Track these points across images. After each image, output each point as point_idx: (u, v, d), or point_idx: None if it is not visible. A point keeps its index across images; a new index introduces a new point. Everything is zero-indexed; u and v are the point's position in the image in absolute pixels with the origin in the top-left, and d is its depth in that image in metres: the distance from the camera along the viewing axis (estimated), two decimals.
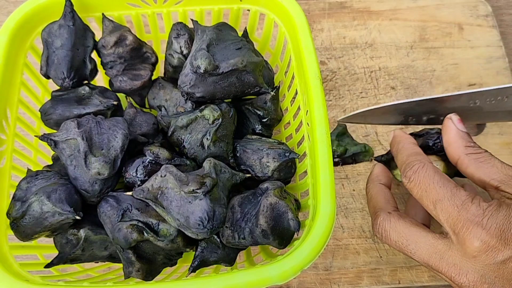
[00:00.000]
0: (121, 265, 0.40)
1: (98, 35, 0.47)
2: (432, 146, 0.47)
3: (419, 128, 0.54)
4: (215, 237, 0.40)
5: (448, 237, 0.37)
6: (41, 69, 0.45)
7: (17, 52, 0.44)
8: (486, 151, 0.42)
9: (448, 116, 0.44)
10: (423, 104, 0.47)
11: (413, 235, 0.39)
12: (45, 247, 0.44)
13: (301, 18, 0.44)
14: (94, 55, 0.47)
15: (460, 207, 0.36)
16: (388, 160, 0.49)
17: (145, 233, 0.37)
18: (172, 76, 0.48)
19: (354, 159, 0.55)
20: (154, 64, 0.48)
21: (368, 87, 0.59)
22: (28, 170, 0.43)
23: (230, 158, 0.43)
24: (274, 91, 0.44)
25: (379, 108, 0.48)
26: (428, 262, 0.38)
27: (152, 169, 0.40)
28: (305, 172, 0.43)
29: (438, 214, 0.37)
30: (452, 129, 0.43)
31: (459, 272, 0.36)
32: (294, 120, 0.48)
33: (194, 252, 0.41)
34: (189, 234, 0.37)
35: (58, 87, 0.45)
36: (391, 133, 0.47)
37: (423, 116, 0.48)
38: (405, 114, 0.48)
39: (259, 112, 0.45)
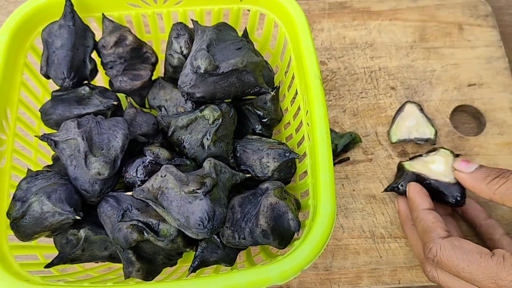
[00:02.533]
0: (121, 265, 0.40)
1: (98, 35, 0.47)
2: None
3: None
4: (215, 237, 0.40)
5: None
6: (41, 69, 0.45)
7: (17, 52, 0.44)
8: (505, 171, 0.42)
9: (453, 167, 0.47)
10: None
11: (466, 261, 0.39)
12: (45, 247, 0.44)
13: (301, 18, 0.44)
14: (94, 55, 0.47)
15: (494, 278, 0.37)
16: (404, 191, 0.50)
17: (145, 233, 0.37)
18: (172, 76, 0.48)
19: (346, 150, 0.55)
20: (154, 64, 0.48)
21: (368, 87, 0.59)
22: (28, 170, 0.43)
23: (230, 158, 0.43)
24: (274, 91, 0.44)
25: None
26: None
27: (152, 169, 0.40)
28: (305, 172, 0.43)
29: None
30: (465, 179, 0.45)
31: None
32: (294, 120, 0.48)
33: (194, 252, 0.41)
34: (189, 234, 0.37)
35: (58, 87, 0.45)
36: (408, 185, 0.49)
37: None
38: None
39: (259, 112, 0.45)
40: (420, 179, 0.50)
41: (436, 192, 0.49)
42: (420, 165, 0.50)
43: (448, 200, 0.48)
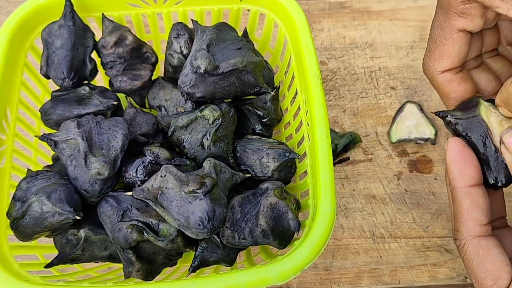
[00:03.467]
0: (121, 265, 0.40)
1: (98, 35, 0.47)
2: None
3: None
4: (215, 237, 0.40)
5: None
6: (41, 69, 0.45)
7: (17, 52, 0.44)
8: None
9: (500, 138, 0.35)
10: None
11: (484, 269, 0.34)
12: (45, 247, 0.44)
13: (301, 18, 0.44)
14: (94, 55, 0.47)
15: None
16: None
17: (145, 233, 0.37)
18: (172, 76, 0.48)
19: (346, 150, 0.55)
20: (154, 64, 0.48)
21: (368, 87, 0.59)
22: (28, 170, 0.43)
23: (230, 158, 0.43)
24: (274, 91, 0.44)
25: None
26: None
27: (152, 169, 0.40)
28: (305, 172, 0.43)
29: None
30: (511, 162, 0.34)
31: None
32: (294, 120, 0.48)
33: (194, 252, 0.41)
34: (189, 234, 0.37)
35: (58, 87, 0.45)
36: (448, 141, 0.37)
37: None
38: None
39: (259, 112, 0.45)
40: (479, 136, 0.36)
41: (481, 160, 0.37)
42: (496, 117, 0.36)
43: (486, 177, 0.36)
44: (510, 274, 0.34)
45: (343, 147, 0.54)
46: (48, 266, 0.39)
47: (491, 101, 0.38)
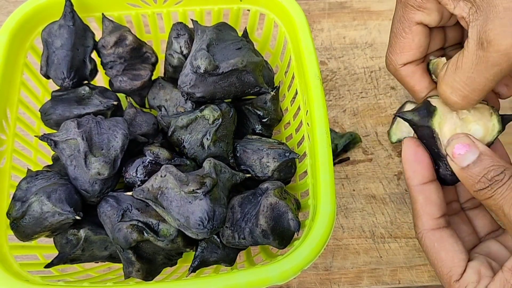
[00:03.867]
0: (121, 265, 0.40)
1: (98, 35, 0.47)
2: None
3: None
4: (215, 237, 0.40)
5: None
6: (41, 69, 0.45)
7: (17, 52, 0.44)
8: (505, 171, 0.33)
9: (444, 147, 0.36)
10: None
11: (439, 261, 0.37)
12: (45, 247, 0.44)
13: (301, 18, 0.44)
14: (94, 55, 0.47)
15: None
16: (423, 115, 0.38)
17: (145, 233, 0.37)
18: (172, 76, 0.48)
19: (346, 150, 0.55)
20: (154, 64, 0.48)
21: (368, 87, 0.59)
22: (28, 170, 0.43)
23: (230, 158, 0.43)
24: (274, 91, 0.44)
25: None
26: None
27: (152, 169, 0.40)
28: (305, 172, 0.43)
29: None
30: (456, 171, 0.36)
31: None
32: (294, 120, 0.48)
33: (194, 252, 0.41)
34: (189, 234, 0.37)
35: (58, 87, 0.45)
36: (403, 142, 0.40)
37: None
38: None
39: (259, 112, 0.45)
40: (430, 145, 0.38)
41: (434, 160, 0.38)
42: (450, 125, 0.38)
43: (437, 169, 0.38)
44: (465, 261, 0.36)
45: (343, 147, 0.54)
46: (48, 266, 0.39)
47: None
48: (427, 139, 0.38)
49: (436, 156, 0.38)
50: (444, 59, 0.40)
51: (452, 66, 0.34)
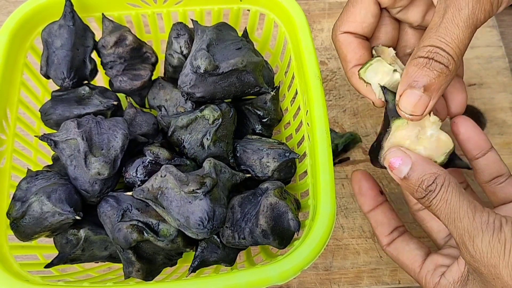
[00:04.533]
0: (121, 265, 0.40)
1: (98, 35, 0.47)
2: None
3: None
4: (215, 237, 0.40)
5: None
6: (41, 69, 0.45)
7: (17, 52, 0.44)
8: (436, 180, 0.34)
9: (384, 158, 0.37)
10: None
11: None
12: (45, 247, 0.44)
13: (301, 18, 0.44)
14: (94, 55, 0.47)
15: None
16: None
17: (145, 233, 0.37)
18: (172, 76, 0.48)
19: (346, 150, 0.55)
20: (154, 64, 0.48)
21: None
22: (28, 170, 0.43)
23: (230, 158, 0.43)
24: (274, 91, 0.44)
25: None
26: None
27: (152, 169, 0.40)
28: (305, 172, 0.43)
29: None
30: (397, 181, 0.37)
31: None
32: (294, 120, 0.48)
33: (194, 252, 0.41)
34: (189, 234, 0.37)
35: (58, 87, 0.45)
36: (352, 175, 0.44)
37: None
38: None
39: (259, 112, 0.45)
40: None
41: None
42: (405, 133, 0.38)
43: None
44: (421, 255, 0.41)
45: (343, 147, 0.54)
46: (48, 266, 0.39)
47: None
48: (383, 125, 0.40)
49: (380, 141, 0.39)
50: (391, 49, 0.40)
51: (429, 28, 0.35)
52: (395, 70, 0.38)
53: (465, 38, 0.34)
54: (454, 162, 0.39)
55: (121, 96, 0.48)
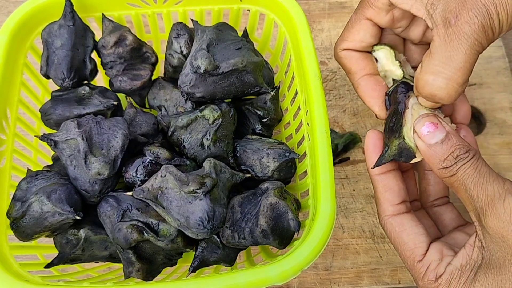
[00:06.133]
0: (121, 265, 0.40)
1: (98, 35, 0.47)
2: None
3: None
4: (215, 237, 0.40)
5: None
6: (41, 69, 0.45)
7: (17, 52, 0.44)
8: (468, 151, 0.34)
9: (413, 127, 0.36)
10: None
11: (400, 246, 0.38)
12: (45, 247, 0.44)
13: (301, 18, 0.44)
14: (94, 55, 0.47)
15: (416, 281, 0.37)
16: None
17: (145, 233, 0.37)
18: (172, 76, 0.48)
19: (346, 150, 0.55)
20: (154, 64, 0.48)
21: None
22: (28, 170, 0.43)
23: (230, 158, 0.43)
24: (274, 91, 0.44)
25: None
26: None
27: (152, 169, 0.40)
28: (305, 172, 0.43)
29: None
30: (422, 150, 0.36)
31: None
32: (294, 120, 0.48)
33: (194, 252, 0.41)
34: (189, 234, 0.37)
35: (58, 87, 0.45)
36: (367, 134, 0.40)
37: None
38: None
39: (259, 112, 0.45)
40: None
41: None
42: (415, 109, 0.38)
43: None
44: (426, 242, 0.37)
45: (343, 147, 0.54)
46: (48, 266, 0.39)
47: None
48: (393, 110, 0.39)
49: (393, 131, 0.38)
50: (402, 55, 0.41)
51: (427, 55, 0.35)
52: (400, 66, 0.40)
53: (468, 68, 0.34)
54: None
55: (121, 96, 0.48)
